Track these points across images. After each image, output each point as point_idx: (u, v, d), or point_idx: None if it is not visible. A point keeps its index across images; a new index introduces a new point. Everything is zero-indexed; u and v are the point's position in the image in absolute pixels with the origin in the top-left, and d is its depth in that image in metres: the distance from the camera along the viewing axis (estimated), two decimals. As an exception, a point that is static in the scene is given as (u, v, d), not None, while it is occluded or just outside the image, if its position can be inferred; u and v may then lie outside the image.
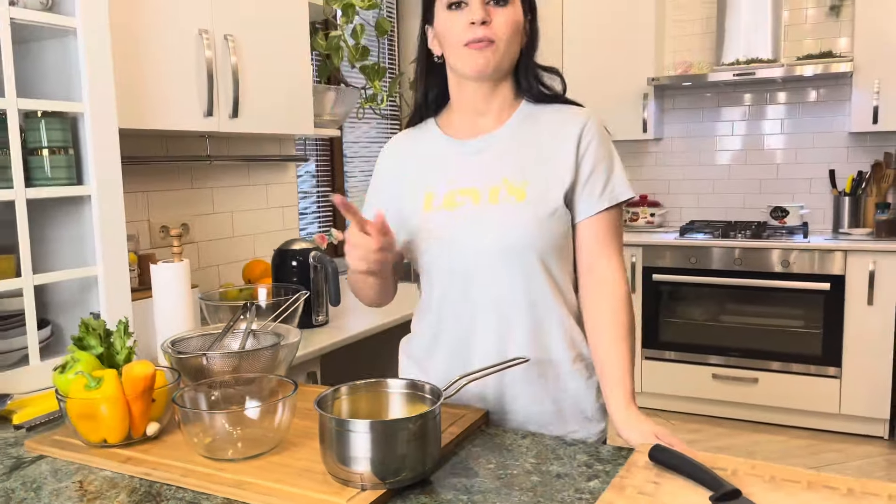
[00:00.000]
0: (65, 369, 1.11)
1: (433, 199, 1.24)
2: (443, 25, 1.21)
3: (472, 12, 1.16)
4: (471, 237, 1.20)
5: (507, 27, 1.18)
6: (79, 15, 1.43)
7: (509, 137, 1.24)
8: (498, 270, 1.20)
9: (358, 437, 0.91)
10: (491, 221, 1.19)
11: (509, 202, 1.19)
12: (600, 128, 1.24)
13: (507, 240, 1.18)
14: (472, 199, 1.21)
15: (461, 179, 1.23)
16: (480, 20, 1.16)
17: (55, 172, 1.45)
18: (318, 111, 2.43)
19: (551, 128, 1.23)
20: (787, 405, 3.58)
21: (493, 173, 1.21)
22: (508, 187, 1.20)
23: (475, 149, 1.24)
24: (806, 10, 3.87)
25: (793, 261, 3.49)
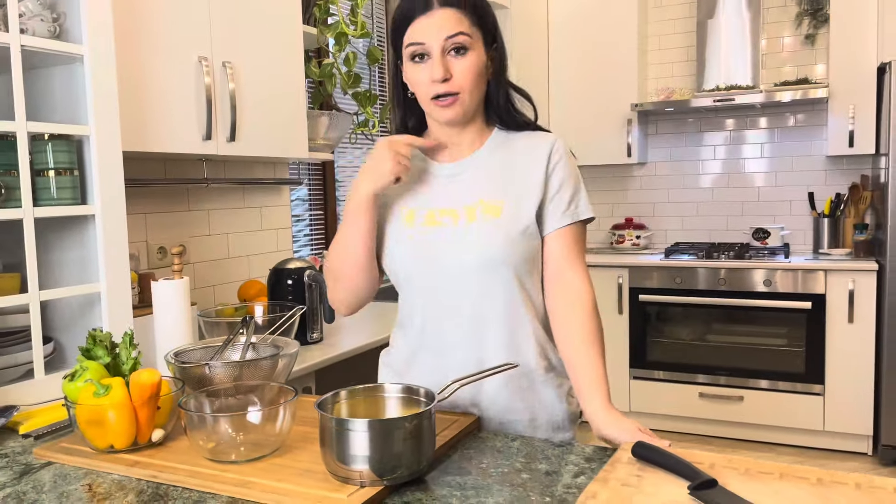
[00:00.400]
0: (74, 378, 1.15)
1: (415, 218, 1.30)
2: (409, 75, 1.27)
3: (433, 69, 1.21)
4: (450, 254, 1.26)
5: (469, 76, 1.23)
6: (86, 42, 1.49)
7: (484, 161, 1.31)
8: (476, 285, 1.26)
9: (357, 435, 0.96)
10: (470, 239, 1.26)
11: (486, 220, 1.26)
12: (567, 150, 1.32)
13: (486, 255, 1.25)
14: (451, 219, 1.28)
15: (441, 200, 1.30)
16: (441, 78, 1.21)
17: (61, 193, 1.50)
18: (312, 135, 2.50)
19: (522, 151, 1.30)
20: (772, 422, 3.64)
21: (469, 194, 1.29)
22: (484, 206, 1.27)
23: (453, 172, 1.32)
24: (783, 38, 4.01)
25: (775, 280, 3.58)
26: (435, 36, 1.21)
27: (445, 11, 1.21)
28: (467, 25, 1.22)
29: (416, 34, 1.22)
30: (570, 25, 4.14)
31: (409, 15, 1.23)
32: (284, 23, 2.26)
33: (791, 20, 3.97)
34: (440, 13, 1.21)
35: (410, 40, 1.23)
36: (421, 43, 1.22)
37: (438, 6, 1.21)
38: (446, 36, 1.20)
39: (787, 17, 3.98)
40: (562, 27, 4.16)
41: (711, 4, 3.91)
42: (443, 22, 1.21)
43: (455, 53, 1.22)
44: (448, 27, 1.21)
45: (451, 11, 1.21)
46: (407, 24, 1.23)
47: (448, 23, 1.21)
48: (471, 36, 1.22)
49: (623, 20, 4.04)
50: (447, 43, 1.21)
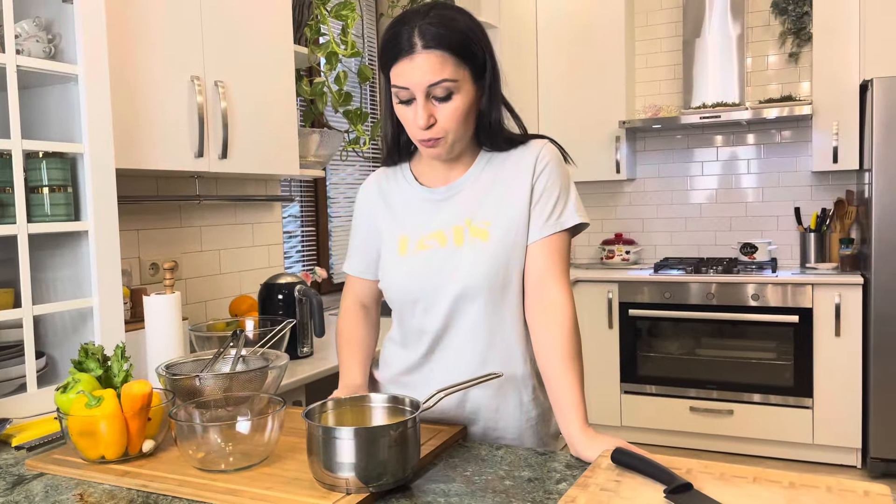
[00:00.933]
0: (66, 389, 1.18)
1: (407, 244, 1.32)
2: (398, 112, 1.26)
3: (417, 116, 1.20)
4: (440, 278, 1.28)
5: (454, 121, 1.21)
6: (80, 63, 1.53)
7: (473, 182, 1.31)
8: (467, 308, 1.28)
9: (343, 443, 0.99)
10: (458, 263, 1.27)
11: (474, 243, 1.27)
12: (554, 155, 1.30)
13: (474, 279, 1.26)
14: (438, 242, 1.29)
15: (430, 224, 1.31)
16: (425, 125, 1.20)
17: (55, 209, 1.53)
18: (303, 153, 2.54)
19: (510, 166, 1.30)
20: (762, 436, 3.66)
21: (457, 216, 1.30)
22: (472, 229, 1.28)
23: (443, 195, 1.33)
24: (767, 56, 4.08)
25: (764, 295, 3.62)
26: (417, 82, 1.18)
27: (428, 56, 1.17)
28: (451, 67, 1.18)
29: (399, 78, 1.20)
30: (558, 44, 4.21)
31: (393, 55, 1.20)
32: (276, 42, 2.30)
33: (775, 39, 4.05)
34: (422, 57, 1.17)
35: (394, 82, 1.21)
36: (405, 87, 1.20)
37: (421, 49, 1.17)
38: (428, 84, 1.18)
39: (772, 36, 4.06)
40: (550, 46, 4.23)
41: (697, 24, 3.98)
42: (425, 67, 1.17)
43: (439, 100, 1.20)
44: (430, 74, 1.17)
45: (433, 55, 1.17)
46: (391, 64, 1.21)
47: (430, 69, 1.17)
48: (456, 79, 1.19)
49: (610, 39, 4.11)
50: (430, 90, 1.18)
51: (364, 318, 1.44)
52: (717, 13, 3.93)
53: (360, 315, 1.44)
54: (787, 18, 3.97)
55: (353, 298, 1.45)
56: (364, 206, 1.42)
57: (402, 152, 1.38)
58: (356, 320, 1.43)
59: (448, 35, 1.18)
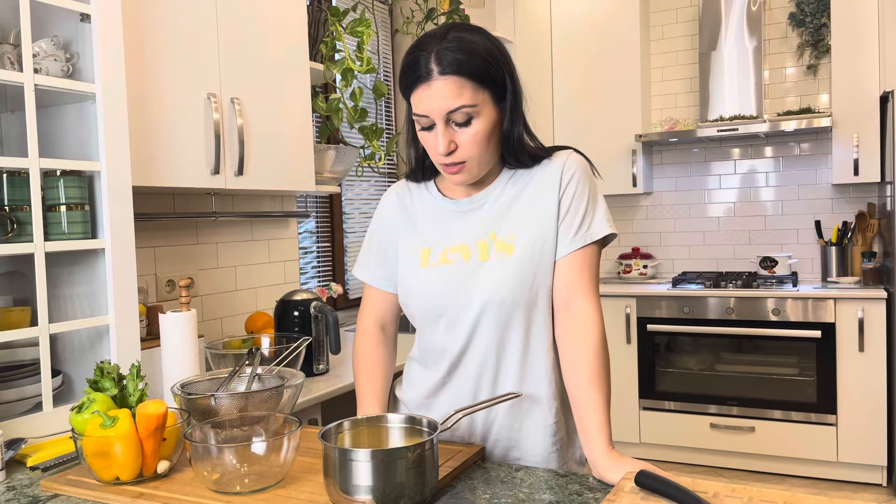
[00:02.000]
0: (81, 409, 1.17)
1: (429, 257, 1.30)
2: (420, 137, 1.24)
3: (437, 143, 1.18)
4: (464, 293, 1.25)
5: (475, 144, 1.19)
6: (98, 81, 1.53)
7: (498, 195, 1.29)
8: (491, 325, 1.24)
9: (359, 465, 0.97)
10: (483, 277, 1.24)
11: (499, 258, 1.24)
12: (580, 166, 1.28)
13: (499, 295, 1.23)
14: (461, 256, 1.27)
15: (453, 236, 1.29)
16: (445, 151, 1.18)
17: (72, 227, 1.53)
18: (319, 169, 2.54)
19: (535, 180, 1.28)
20: (785, 454, 3.59)
21: (482, 229, 1.27)
22: (497, 243, 1.25)
23: (467, 207, 1.30)
24: (785, 69, 4.05)
25: (784, 309, 3.56)
26: (436, 109, 1.16)
27: (445, 82, 1.15)
28: (469, 93, 1.16)
29: (419, 105, 1.18)
30: (573, 58, 4.20)
31: (411, 81, 1.18)
32: (292, 59, 2.31)
33: (793, 51, 4.01)
34: (440, 84, 1.15)
35: (415, 110, 1.20)
36: (424, 115, 1.18)
37: (438, 75, 1.15)
38: (446, 111, 1.16)
39: (789, 48, 4.02)
40: (565, 60, 4.23)
41: (714, 37, 3.96)
42: (443, 94, 1.15)
43: (458, 125, 1.18)
44: (448, 101, 1.15)
45: (451, 82, 1.15)
46: (410, 90, 1.19)
47: (448, 95, 1.15)
48: (475, 104, 1.16)
49: (626, 53, 4.10)
50: (449, 116, 1.17)
51: (382, 341, 1.41)
52: (734, 26, 3.91)
53: (377, 338, 1.41)
54: (804, 30, 3.94)
55: (372, 318, 1.41)
56: (384, 216, 1.40)
57: (427, 173, 1.36)
58: (373, 345, 1.40)
59: (466, 60, 1.16)
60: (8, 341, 1.46)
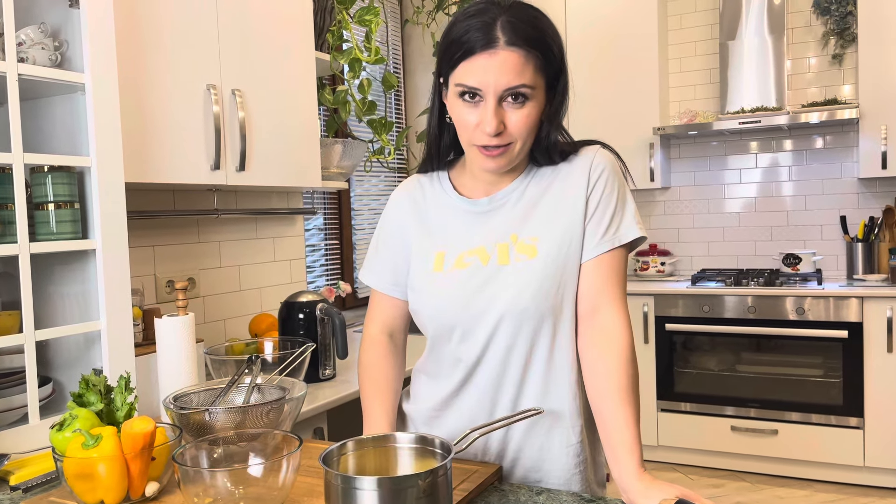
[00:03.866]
0: (62, 426, 1.07)
1: (444, 261, 1.19)
2: (455, 110, 1.12)
3: (485, 119, 1.07)
4: (482, 300, 1.15)
5: (525, 127, 1.09)
6: (87, 71, 1.44)
7: (519, 194, 1.19)
8: (510, 334, 1.14)
9: (364, 494, 0.87)
10: (503, 283, 1.14)
11: (521, 261, 1.14)
12: (609, 162, 1.17)
13: (521, 302, 1.13)
14: (479, 259, 1.16)
15: (471, 239, 1.18)
16: (495, 131, 1.07)
17: (60, 227, 1.44)
18: (326, 164, 2.44)
19: (560, 178, 1.18)
20: (809, 458, 3.47)
21: (501, 231, 1.17)
22: (519, 245, 1.15)
23: (485, 208, 1.20)
24: (808, 59, 3.91)
25: (808, 308, 3.43)
26: (493, 82, 1.05)
27: (511, 54, 1.05)
28: (531, 73, 1.06)
29: (472, 76, 1.06)
30: (589, 49, 4.08)
31: (467, 47, 1.06)
32: (297, 49, 2.21)
33: (817, 40, 3.87)
34: (504, 55, 1.05)
35: (463, 80, 1.07)
36: (475, 88, 1.07)
37: (504, 45, 1.05)
38: (507, 87, 1.06)
39: (813, 38, 3.88)
40: (581, 51, 4.10)
41: (733, 26, 3.83)
42: (505, 68, 1.05)
43: (513, 101, 1.07)
44: (510, 76, 1.05)
45: (516, 55, 1.05)
46: (462, 57, 1.07)
47: (511, 70, 1.05)
48: (533, 86, 1.07)
49: (643, 43, 3.97)
50: (506, 93, 1.06)
51: (391, 350, 1.30)
52: (755, 15, 3.77)
53: (385, 348, 1.29)
54: (829, 19, 3.80)
55: (379, 326, 1.30)
56: (395, 218, 1.28)
57: (442, 158, 1.25)
58: (382, 354, 1.29)
59: (533, 34, 1.07)
60: (-7, 348, 1.38)
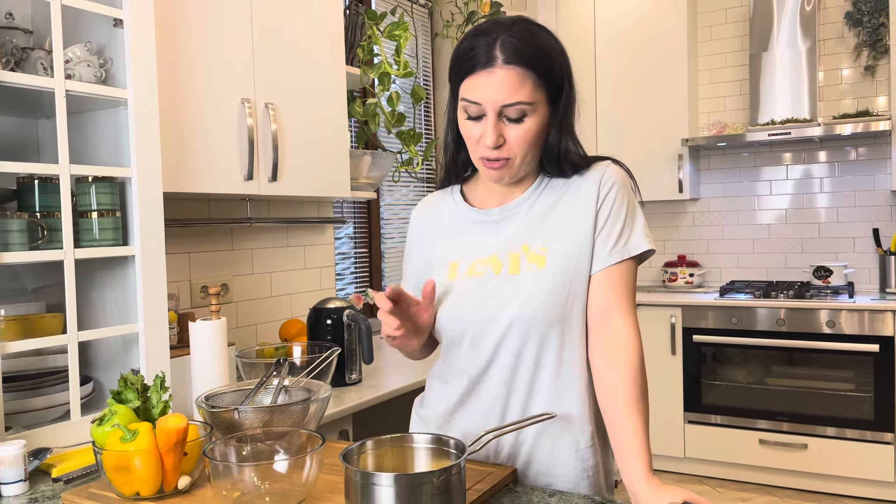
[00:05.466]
0: (102, 422, 1.14)
1: (458, 269, 1.24)
2: (461, 124, 1.19)
3: (485, 134, 1.13)
4: (491, 307, 1.19)
5: (523, 143, 1.14)
6: (130, 87, 1.52)
7: (530, 205, 1.23)
8: (518, 341, 1.18)
9: (382, 490, 0.91)
10: (513, 292, 1.18)
11: (531, 270, 1.18)
12: (619, 177, 1.21)
13: (530, 310, 1.16)
14: (491, 268, 1.21)
15: (483, 248, 1.23)
16: (493, 145, 1.13)
17: (103, 234, 1.52)
18: (355, 175, 2.51)
19: (571, 191, 1.22)
20: (839, 473, 3.42)
21: (512, 241, 1.21)
22: (529, 255, 1.19)
23: (497, 218, 1.24)
24: (841, 70, 3.88)
25: (839, 322, 3.40)
26: (491, 99, 1.11)
27: (508, 72, 1.10)
28: (529, 89, 1.11)
29: (473, 92, 1.12)
30: (617, 59, 4.10)
31: (469, 66, 1.12)
32: (328, 64, 2.28)
33: (849, 52, 3.84)
34: (502, 73, 1.10)
35: (466, 96, 1.14)
36: (476, 103, 1.12)
37: (501, 63, 1.10)
38: (504, 104, 1.11)
39: (845, 49, 3.86)
40: (609, 61, 4.13)
41: (765, 38, 3.82)
42: (503, 85, 1.10)
43: (510, 120, 1.13)
44: (507, 93, 1.10)
45: (514, 72, 1.10)
46: (466, 74, 1.13)
47: (508, 87, 1.10)
48: (532, 102, 1.12)
49: (672, 55, 3.98)
50: (504, 110, 1.12)
51: None
52: (787, 26, 3.76)
53: None
54: (861, 30, 3.77)
55: None
56: (416, 233, 1.36)
57: (460, 172, 1.31)
58: None
59: (532, 53, 1.11)
60: (39, 348, 1.46)
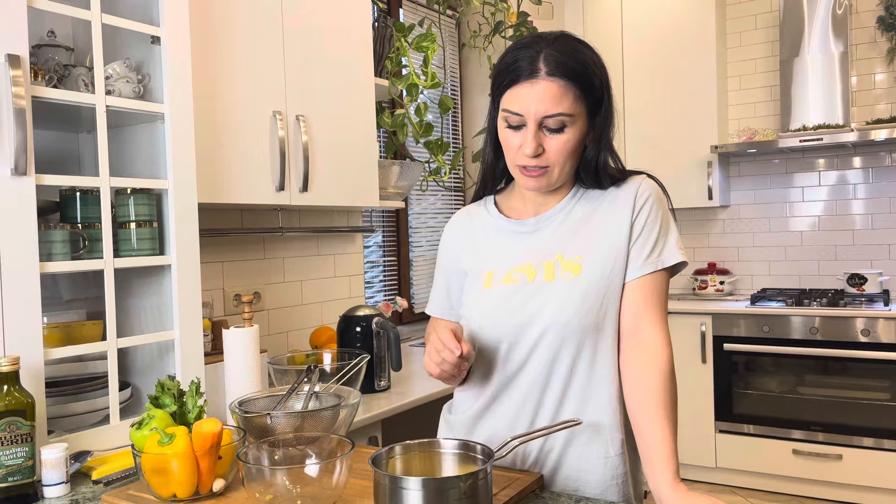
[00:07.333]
0: (141, 425, 1.18)
1: (493, 277, 1.26)
2: (501, 133, 1.22)
3: (525, 143, 1.16)
4: (525, 313, 1.21)
5: (562, 154, 1.17)
6: (167, 101, 1.57)
7: (565, 214, 1.25)
8: (552, 346, 1.20)
9: (410, 494, 0.94)
10: (548, 299, 1.20)
11: (566, 278, 1.20)
12: (654, 191, 1.24)
13: (564, 317, 1.18)
14: (526, 276, 1.23)
15: (518, 257, 1.25)
16: (532, 154, 1.16)
17: (141, 244, 1.57)
18: (383, 184, 2.54)
19: (607, 202, 1.24)
20: (875, 484, 3.36)
21: (548, 249, 1.23)
22: (564, 263, 1.21)
23: (532, 228, 1.27)
24: (874, 75, 3.83)
25: (875, 330, 3.34)
26: (533, 110, 1.15)
27: (550, 84, 1.14)
28: (570, 101, 1.15)
29: (515, 102, 1.16)
30: (645, 65, 4.10)
31: (513, 76, 1.16)
32: (357, 76, 2.33)
33: (882, 56, 3.79)
34: (544, 85, 1.14)
35: (507, 106, 1.18)
36: (518, 114, 1.16)
37: (544, 76, 1.14)
38: (545, 115, 1.14)
39: (878, 54, 3.80)
40: (637, 67, 4.12)
41: (796, 42, 3.79)
42: (545, 96, 1.14)
43: (550, 131, 1.17)
44: (548, 104, 1.14)
45: (556, 85, 1.14)
46: (508, 86, 1.17)
47: (550, 99, 1.14)
48: (572, 114, 1.15)
49: (701, 61, 3.96)
50: (545, 120, 1.15)
51: None
52: (818, 31, 3.72)
53: None
54: (894, 35, 3.71)
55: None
56: (448, 247, 1.38)
57: (497, 181, 1.34)
58: None
59: (573, 66, 1.15)
60: (80, 355, 1.51)
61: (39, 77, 1.43)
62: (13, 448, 1.20)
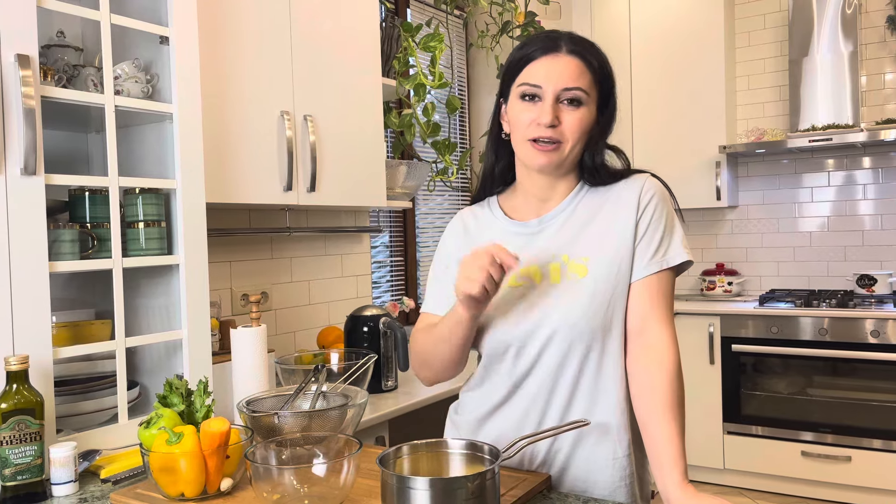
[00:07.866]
0: (149, 424, 1.18)
1: None
2: (513, 112, 1.22)
3: (542, 113, 1.17)
4: (533, 317, 1.20)
5: (577, 129, 1.18)
6: (175, 102, 1.58)
7: (567, 214, 1.25)
8: (561, 348, 1.19)
9: (418, 493, 0.93)
10: (555, 301, 1.19)
11: (572, 279, 1.19)
12: (658, 190, 1.23)
13: (572, 318, 1.18)
14: (532, 278, 1.22)
15: (522, 260, 1.22)
16: (548, 123, 1.17)
17: (149, 244, 1.57)
18: (391, 184, 2.54)
19: (611, 200, 1.23)
20: (885, 486, 3.34)
21: (553, 251, 1.23)
22: (570, 264, 1.20)
23: (535, 229, 1.26)
24: (884, 75, 3.80)
25: (885, 331, 3.32)
26: (553, 82, 1.17)
27: (571, 60, 1.18)
28: (587, 81, 1.18)
29: (534, 75, 1.18)
30: (653, 65, 4.08)
31: (532, 55, 1.19)
32: (364, 76, 2.33)
33: (892, 56, 3.77)
34: (565, 59, 1.18)
35: (526, 80, 1.19)
36: (537, 85, 1.18)
37: (566, 52, 1.18)
38: (564, 87, 1.17)
39: (888, 53, 3.78)
40: (645, 67, 4.11)
41: (805, 42, 3.77)
42: (566, 70, 1.17)
43: (568, 104, 1.18)
44: (569, 77, 1.17)
45: (576, 62, 1.18)
46: (526, 63, 1.20)
47: (571, 73, 1.17)
48: (588, 93, 1.18)
49: (709, 61, 3.95)
50: (563, 93, 1.17)
51: None
52: (827, 31, 3.70)
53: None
54: (905, 33, 3.69)
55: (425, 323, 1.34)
56: (449, 248, 1.35)
57: (497, 181, 1.33)
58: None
59: (593, 51, 1.21)
60: (88, 354, 1.51)
61: (49, 77, 1.44)
62: (22, 447, 1.21)
